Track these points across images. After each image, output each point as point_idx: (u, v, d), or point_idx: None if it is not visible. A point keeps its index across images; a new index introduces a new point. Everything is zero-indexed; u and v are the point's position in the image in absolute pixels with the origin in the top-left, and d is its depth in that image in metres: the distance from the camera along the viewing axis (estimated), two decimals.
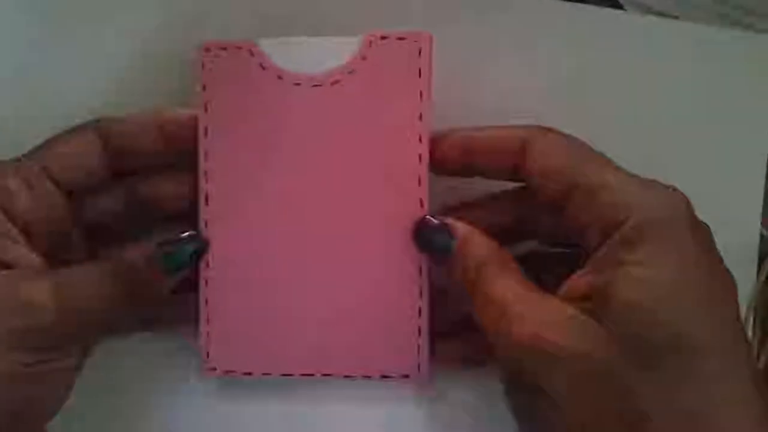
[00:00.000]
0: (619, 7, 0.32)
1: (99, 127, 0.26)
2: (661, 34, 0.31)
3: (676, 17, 0.32)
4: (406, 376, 0.27)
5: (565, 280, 0.24)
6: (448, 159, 0.27)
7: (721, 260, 0.23)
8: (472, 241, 0.25)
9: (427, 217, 0.26)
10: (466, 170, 0.27)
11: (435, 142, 0.27)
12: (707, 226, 0.23)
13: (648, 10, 0.32)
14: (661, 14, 0.32)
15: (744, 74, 0.31)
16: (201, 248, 0.27)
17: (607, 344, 0.22)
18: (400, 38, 0.26)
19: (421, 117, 0.26)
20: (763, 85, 0.31)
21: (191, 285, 0.27)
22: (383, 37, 0.26)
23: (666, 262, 0.22)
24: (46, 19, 0.31)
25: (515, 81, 0.30)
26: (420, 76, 0.26)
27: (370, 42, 0.26)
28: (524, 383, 0.23)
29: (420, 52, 0.26)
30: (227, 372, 0.27)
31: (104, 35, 0.30)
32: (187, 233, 0.27)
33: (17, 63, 0.30)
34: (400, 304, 0.27)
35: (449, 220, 0.26)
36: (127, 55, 0.30)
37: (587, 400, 0.22)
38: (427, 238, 0.26)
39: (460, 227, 0.26)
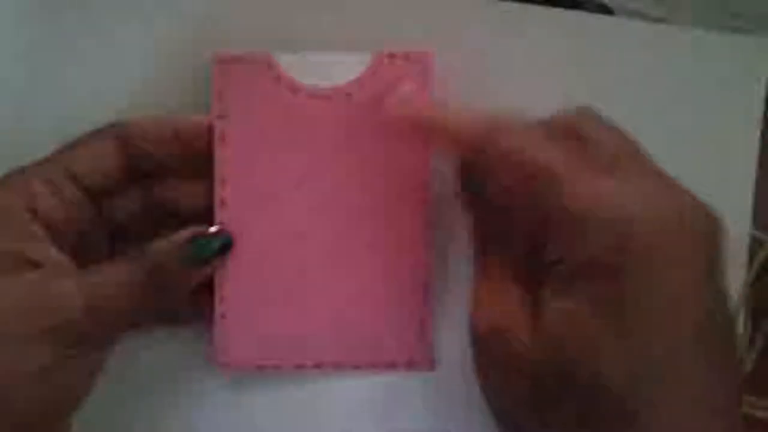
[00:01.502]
0: (611, 13, 0.33)
1: (117, 131, 0.27)
2: (651, 38, 0.31)
3: (667, 22, 0.33)
4: (411, 365, 0.28)
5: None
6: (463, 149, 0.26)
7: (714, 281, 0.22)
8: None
9: None
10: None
11: (456, 122, 0.26)
12: (710, 226, 0.22)
13: (638, 16, 0.33)
14: (651, 19, 0.33)
15: (734, 76, 0.31)
16: (228, 243, 0.28)
17: (534, 363, 0.22)
18: (407, 56, 0.28)
19: (424, 127, 0.28)
20: (753, 87, 0.31)
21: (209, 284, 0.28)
22: (391, 55, 0.28)
23: (600, 306, 0.21)
24: (56, 22, 0.31)
25: (510, 88, 0.31)
26: (425, 91, 0.28)
27: (379, 59, 0.28)
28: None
29: (424, 69, 0.28)
30: (241, 366, 0.29)
31: (115, 38, 0.31)
32: (214, 228, 0.27)
33: (26, 66, 0.31)
34: (405, 297, 0.28)
35: None
36: (138, 59, 0.31)
37: (507, 395, 0.23)
38: None
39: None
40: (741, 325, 0.32)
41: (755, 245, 0.32)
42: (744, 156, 0.32)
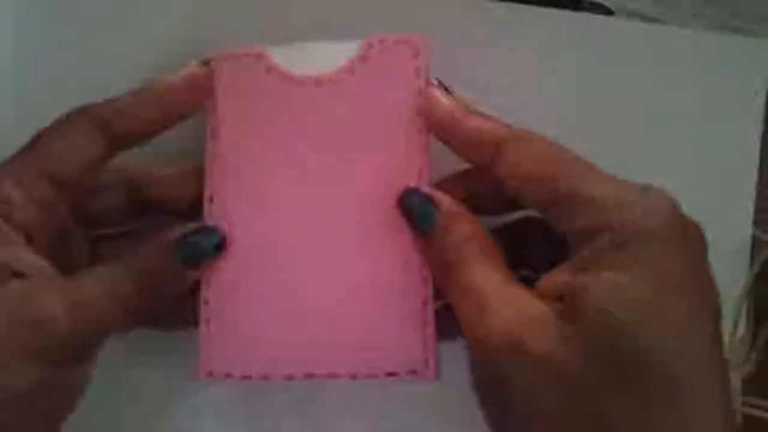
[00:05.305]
0: (610, 13, 0.33)
1: (93, 116, 0.25)
2: (651, 38, 0.31)
3: (667, 22, 0.33)
4: (414, 372, 0.26)
5: (546, 272, 0.23)
6: (435, 131, 0.26)
7: (706, 272, 0.22)
8: (457, 217, 0.24)
9: (414, 186, 0.26)
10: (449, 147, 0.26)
11: (431, 105, 0.26)
12: (698, 228, 0.23)
13: (638, 16, 0.33)
14: (651, 19, 0.33)
15: (734, 76, 0.31)
16: (222, 240, 0.26)
17: (573, 350, 0.21)
18: (397, 41, 0.27)
19: (419, 112, 0.27)
20: (753, 87, 0.31)
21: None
22: (381, 41, 0.27)
23: (645, 274, 0.21)
24: (54, 23, 0.31)
25: (509, 88, 0.31)
26: (417, 75, 0.27)
27: (370, 45, 0.27)
28: (492, 378, 0.22)
29: (416, 53, 0.27)
30: (225, 376, 0.26)
31: (114, 39, 0.31)
32: (209, 225, 0.26)
33: (26, 66, 0.31)
34: (405, 299, 0.26)
35: (435, 192, 0.25)
36: (137, 58, 0.31)
37: (549, 402, 0.21)
38: (410, 204, 0.25)
39: (446, 201, 0.25)
40: (742, 326, 0.31)
41: (756, 245, 0.32)
42: (745, 156, 0.32)
